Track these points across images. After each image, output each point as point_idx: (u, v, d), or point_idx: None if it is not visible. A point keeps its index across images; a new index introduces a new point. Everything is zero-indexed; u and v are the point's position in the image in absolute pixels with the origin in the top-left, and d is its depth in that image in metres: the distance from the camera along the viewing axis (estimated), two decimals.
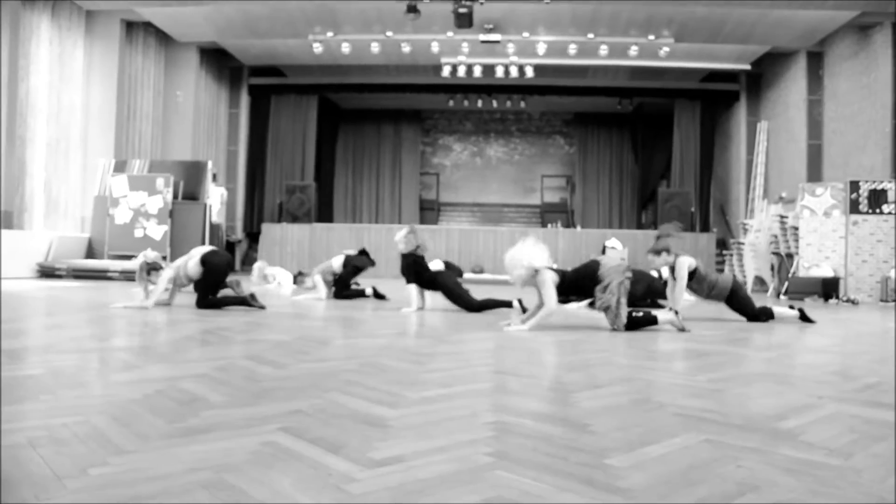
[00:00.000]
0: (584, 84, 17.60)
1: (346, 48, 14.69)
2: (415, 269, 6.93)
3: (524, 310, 6.66)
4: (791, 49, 14.50)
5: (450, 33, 14.21)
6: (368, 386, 2.93)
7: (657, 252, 6.49)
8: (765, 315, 6.44)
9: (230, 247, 15.81)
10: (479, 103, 19.38)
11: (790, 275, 11.56)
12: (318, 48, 14.65)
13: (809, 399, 2.87)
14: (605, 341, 4.79)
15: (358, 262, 8.67)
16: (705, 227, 16.85)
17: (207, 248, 6.79)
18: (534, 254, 5.39)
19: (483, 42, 14.45)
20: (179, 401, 2.55)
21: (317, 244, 15.45)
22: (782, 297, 11.17)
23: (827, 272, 10.98)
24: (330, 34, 14.38)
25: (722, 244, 16.46)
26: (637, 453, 2.01)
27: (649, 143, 19.94)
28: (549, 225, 17.89)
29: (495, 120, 22.06)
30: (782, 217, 12.41)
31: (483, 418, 2.39)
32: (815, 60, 14.33)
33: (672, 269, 6.52)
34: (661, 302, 7.70)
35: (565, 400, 2.75)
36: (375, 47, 14.60)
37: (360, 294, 8.47)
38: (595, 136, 21.18)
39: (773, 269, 12.53)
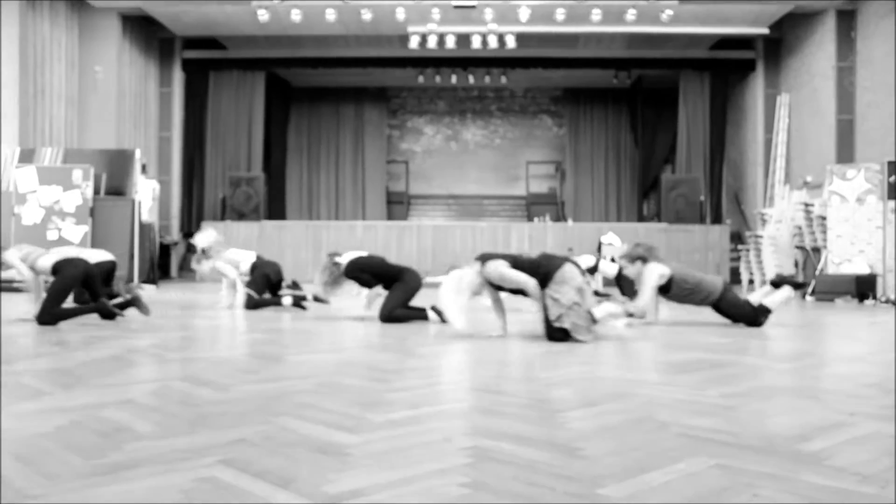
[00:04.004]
0: (575, 55, 17.67)
1: (296, 15, 14.61)
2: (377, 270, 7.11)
3: (441, 318, 6.72)
4: (817, 8, 14.65)
5: None
6: (325, 408, 2.93)
7: (632, 259, 6.69)
8: (763, 313, 6.49)
9: (164, 250, 15.67)
10: (454, 79, 19.34)
11: (817, 272, 11.70)
12: (263, 15, 14.56)
13: (839, 416, 2.89)
14: (595, 352, 4.81)
15: (270, 271, 8.60)
16: (717, 219, 17.00)
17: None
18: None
19: (456, 7, 14.45)
20: (99, 432, 2.52)
21: (267, 245, 15.35)
22: (808, 297, 11.30)
23: (861, 268, 11.10)
24: None
25: (737, 238, 16.63)
26: (635, 481, 2.02)
27: (651, 122, 20.07)
28: (537, 219, 17.95)
29: (472, 98, 22.08)
30: (807, 205, 12.55)
31: (457, 443, 2.39)
32: (846, 20, 14.45)
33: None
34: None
35: (551, 420, 2.76)
36: (331, 14, 14.53)
37: (275, 303, 8.36)
38: (588, 116, 21.27)
39: (796, 265, 12.68)
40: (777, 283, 6.75)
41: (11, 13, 13.19)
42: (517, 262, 5.46)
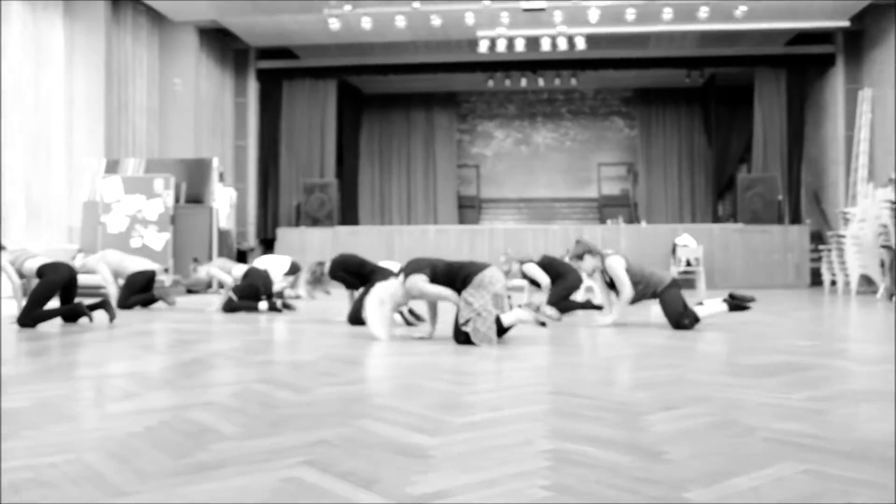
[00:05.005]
0: (646, 55, 17.46)
1: (366, 23, 14.78)
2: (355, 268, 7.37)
3: (406, 322, 6.94)
4: None
5: (486, 2, 14.21)
6: (403, 411, 2.94)
7: (580, 256, 6.76)
8: (688, 318, 6.36)
9: (241, 256, 16.02)
10: (523, 82, 19.33)
11: None
12: (334, 24, 14.77)
13: None
14: (675, 354, 4.73)
15: (258, 281, 8.93)
16: (796, 219, 16.56)
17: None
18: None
19: (525, 11, 14.43)
20: (186, 433, 2.59)
21: (341, 250, 15.52)
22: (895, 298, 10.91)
23: None
24: (348, 7, 14.49)
25: (818, 238, 16.16)
26: (722, 486, 1.97)
27: (725, 121, 19.68)
28: (609, 221, 17.76)
29: (542, 101, 22.00)
30: (894, 203, 12.14)
31: (538, 446, 2.38)
32: None
33: (602, 273, 6.81)
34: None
35: (633, 423, 2.72)
36: (401, 21, 14.66)
37: (252, 308, 8.60)
38: (660, 116, 20.98)
39: (882, 265, 12.26)
40: (734, 298, 6.55)
41: (98, 31, 13.69)
42: (435, 271, 5.50)
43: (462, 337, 5.24)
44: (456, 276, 5.44)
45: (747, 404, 3.09)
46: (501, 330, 5.32)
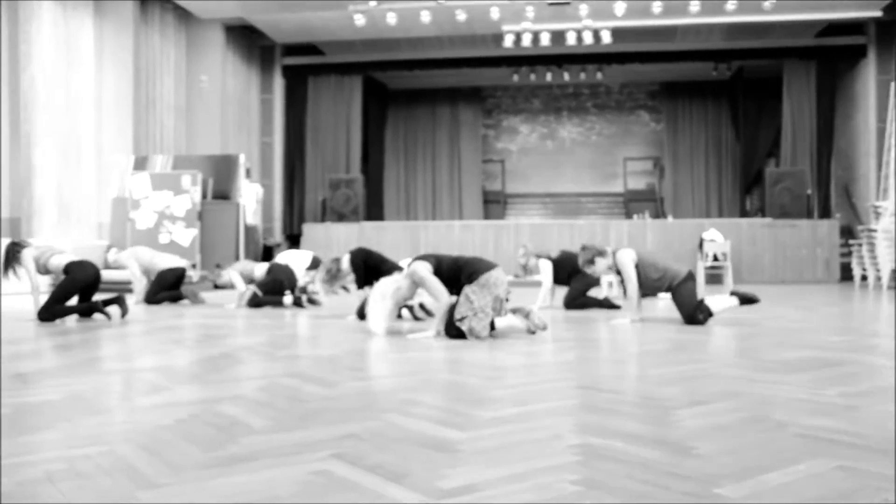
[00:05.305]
0: (673, 48, 17.28)
1: (391, 19, 14.79)
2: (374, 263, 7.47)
3: (415, 317, 6.94)
4: None
5: None
6: (432, 405, 2.95)
7: (590, 261, 6.71)
8: (702, 313, 6.27)
9: (268, 251, 16.12)
10: (549, 77, 19.25)
11: None
12: (359, 20, 14.80)
13: None
14: (699, 349, 4.70)
15: (281, 276, 9.07)
16: (825, 213, 16.36)
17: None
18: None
19: (551, 4, 14.35)
20: (216, 426, 2.61)
21: (366, 245, 15.57)
22: None
23: None
24: (373, 3, 14.50)
25: (848, 232, 15.96)
26: (754, 482, 1.96)
27: (753, 114, 19.47)
28: (636, 216, 17.65)
29: (567, 95, 21.89)
30: None
31: (567, 440, 2.38)
32: None
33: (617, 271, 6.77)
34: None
35: (662, 418, 2.71)
36: (426, 16, 14.66)
37: (277, 303, 8.71)
38: (687, 110, 20.80)
39: None
40: (740, 296, 6.46)
41: (126, 30, 13.84)
42: (440, 264, 5.51)
43: (454, 331, 5.27)
44: (461, 272, 5.45)
45: (777, 400, 3.06)
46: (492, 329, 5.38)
